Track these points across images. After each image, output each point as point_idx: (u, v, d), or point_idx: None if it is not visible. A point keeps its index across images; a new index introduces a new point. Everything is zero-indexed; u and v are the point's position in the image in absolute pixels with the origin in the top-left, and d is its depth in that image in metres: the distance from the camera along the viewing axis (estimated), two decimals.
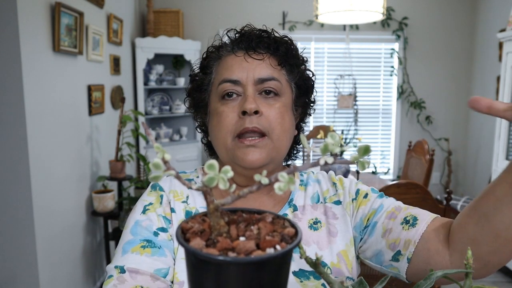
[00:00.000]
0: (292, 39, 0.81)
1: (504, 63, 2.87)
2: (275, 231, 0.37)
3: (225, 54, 0.78)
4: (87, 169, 2.56)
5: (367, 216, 0.76)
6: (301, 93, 0.80)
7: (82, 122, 2.47)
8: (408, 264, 0.66)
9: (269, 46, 0.76)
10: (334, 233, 0.77)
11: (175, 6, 3.80)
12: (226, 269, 0.33)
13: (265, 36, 0.77)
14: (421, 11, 3.93)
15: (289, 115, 0.76)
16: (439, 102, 4.06)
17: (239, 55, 0.75)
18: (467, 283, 0.45)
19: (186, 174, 0.84)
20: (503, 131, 2.91)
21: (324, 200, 0.81)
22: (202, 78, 0.80)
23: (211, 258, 0.32)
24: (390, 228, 0.71)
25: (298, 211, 0.79)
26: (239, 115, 0.72)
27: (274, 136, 0.72)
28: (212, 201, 0.37)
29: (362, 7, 2.49)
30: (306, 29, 3.94)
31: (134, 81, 3.57)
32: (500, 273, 3.01)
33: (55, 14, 2.06)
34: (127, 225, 0.75)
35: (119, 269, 0.68)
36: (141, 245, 0.71)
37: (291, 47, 0.79)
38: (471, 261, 0.45)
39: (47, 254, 2.03)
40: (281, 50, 0.76)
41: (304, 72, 0.81)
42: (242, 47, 0.76)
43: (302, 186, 0.84)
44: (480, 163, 3.85)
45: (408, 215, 0.70)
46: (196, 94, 0.80)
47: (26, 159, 1.85)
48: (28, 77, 1.85)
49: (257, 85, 0.73)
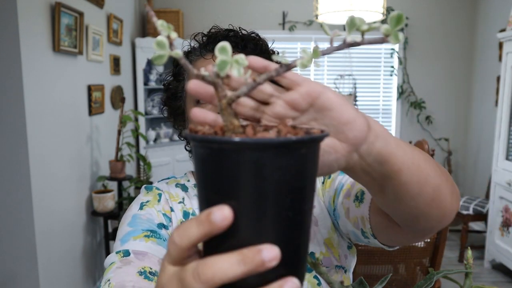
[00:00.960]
0: (259, 34, 0.79)
1: (504, 63, 2.87)
2: (298, 132, 0.31)
3: (195, 58, 0.77)
4: (87, 169, 2.56)
5: (332, 197, 0.74)
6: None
7: (82, 122, 2.47)
8: (376, 238, 0.65)
9: (236, 44, 0.75)
10: (315, 222, 0.76)
11: (175, 6, 3.80)
12: (241, 156, 0.27)
13: (232, 35, 0.76)
14: (421, 11, 3.93)
15: None
16: (439, 102, 4.06)
17: (208, 57, 0.75)
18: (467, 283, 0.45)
19: (177, 179, 0.82)
20: (503, 131, 2.91)
21: None
22: (176, 86, 0.79)
23: (224, 141, 0.27)
24: (348, 207, 0.69)
25: None
26: None
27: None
28: (224, 95, 0.31)
29: (362, 7, 2.49)
30: (306, 29, 3.94)
31: (134, 81, 3.57)
32: (500, 273, 3.01)
33: (55, 14, 2.06)
34: (123, 221, 0.71)
35: (122, 253, 0.63)
36: (144, 234, 0.66)
37: (259, 43, 0.77)
38: (471, 261, 0.45)
39: (47, 254, 2.03)
40: (249, 47, 0.75)
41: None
42: (210, 49, 0.75)
43: None
44: (480, 163, 3.85)
45: (358, 191, 0.67)
46: (172, 103, 0.80)
47: (26, 159, 1.86)
48: (28, 77, 1.85)
49: None
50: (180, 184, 0.81)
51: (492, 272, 3.04)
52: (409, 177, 0.47)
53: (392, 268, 1.81)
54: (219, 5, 3.87)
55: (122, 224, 0.71)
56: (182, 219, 0.74)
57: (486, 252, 3.08)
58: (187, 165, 3.77)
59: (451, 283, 1.94)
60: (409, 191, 0.48)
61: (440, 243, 1.74)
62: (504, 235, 2.87)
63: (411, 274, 1.84)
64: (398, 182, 0.47)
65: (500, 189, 2.92)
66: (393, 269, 1.80)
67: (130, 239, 0.65)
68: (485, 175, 3.72)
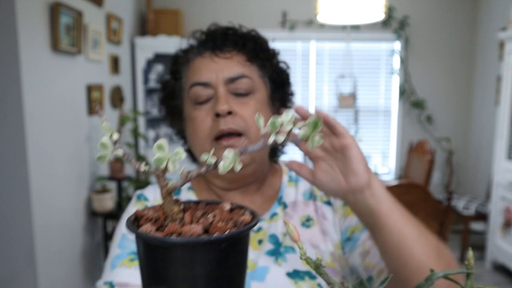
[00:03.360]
0: (259, 32, 0.78)
1: (506, 62, 2.86)
2: (232, 218, 0.36)
3: (193, 57, 0.75)
4: (86, 169, 2.55)
5: (352, 228, 0.75)
6: (277, 87, 0.77)
7: (81, 122, 2.46)
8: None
9: (235, 42, 0.73)
10: (326, 232, 0.76)
11: (175, 6, 3.80)
12: (168, 251, 0.32)
13: (231, 33, 0.75)
14: (422, 10, 3.92)
15: (265, 112, 0.73)
16: (440, 101, 4.05)
17: (206, 56, 0.73)
18: (468, 283, 0.44)
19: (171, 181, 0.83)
20: (505, 131, 2.90)
21: (315, 197, 0.79)
22: (173, 85, 0.78)
23: (149, 238, 0.32)
24: (368, 249, 0.70)
25: (289, 208, 0.77)
26: (213, 118, 0.70)
27: (251, 135, 0.70)
28: (165, 185, 0.35)
29: (362, 7, 2.48)
30: (306, 29, 3.93)
31: (133, 81, 3.56)
32: (501, 273, 3.00)
33: (54, 13, 2.05)
34: (115, 239, 0.74)
35: (108, 285, 0.67)
36: (129, 258, 0.69)
37: (259, 41, 0.76)
38: (472, 262, 0.44)
39: (46, 254, 2.02)
40: (249, 45, 0.74)
41: (277, 65, 0.78)
42: (208, 47, 0.73)
43: (291, 182, 0.82)
44: (481, 163, 3.84)
45: None
46: (170, 102, 0.79)
47: (25, 159, 1.85)
48: (27, 76, 1.84)
49: (228, 85, 0.71)
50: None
51: (493, 272, 3.02)
52: (390, 238, 0.57)
53: None
54: (219, 5, 3.87)
55: (113, 241, 0.74)
56: None
57: (487, 252, 3.07)
58: (187, 165, 3.76)
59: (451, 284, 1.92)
60: (388, 251, 0.59)
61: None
62: (506, 236, 2.86)
63: None
64: (380, 237, 0.59)
65: (501, 189, 2.91)
66: None
67: (117, 265, 0.69)
68: (486, 175, 3.71)
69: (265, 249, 0.72)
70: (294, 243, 0.70)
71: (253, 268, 0.70)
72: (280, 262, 0.70)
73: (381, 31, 3.93)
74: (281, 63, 0.79)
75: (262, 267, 0.70)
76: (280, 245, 0.72)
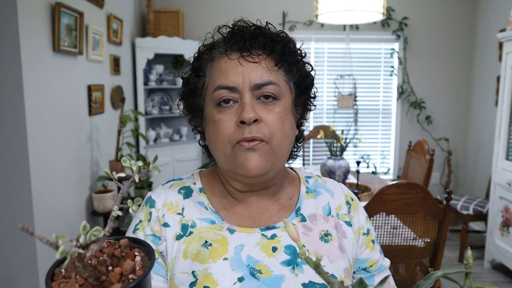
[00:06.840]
0: (287, 34, 0.76)
1: (504, 63, 2.87)
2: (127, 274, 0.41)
3: (218, 55, 0.73)
4: (87, 169, 2.56)
5: (372, 263, 0.79)
6: (301, 92, 0.75)
7: (82, 122, 2.47)
8: None
9: (264, 45, 0.71)
10: (343, 249, 0.76)
11: (175, 6, 3.80)
12: None
13: (260, 34, 0.72)
14: (421, 11, 3.93)
15: (289, 119, 0.72)
16: (439, 102, 4.06)
17: (233, 58, 0.70)
18: (467, 283, 0.45)
19: (182, 181, 0.81)
20: (503, 131, 2.91)
21: (337, 215, 0.80)
22: (196, 82, 0.74)
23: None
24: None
25: (308, 221, 0.77)
26: (237, 124, 0.68)
27: (274, 143, 0.69)
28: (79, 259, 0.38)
29: (362, 7, 2.49)
30: (306, 29, 3.94)
31: (134, 81, 3.57)
32: (500, 273, 3.01)
33: (55, 14, 2.06)
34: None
35: None
36: None
37: (288, 44, 0.73)
38: (471, 261, 0.45)
39: (47, 254, 2.03)
40: (277, 49, 0.71)
41: (303, 68, 0.76)
42: (236, 48, 0.71)
43: (309, 193, 0.81)
44: (480, 163, 3.85)
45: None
46: (190, 99, 0.76)
47: (26, 159, 1.85)
48: (28, 77, 1.85)
49: (254, 91, 0.69)
50: (184, 187, 0.79)
51: (492, 272, 3.04)
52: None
53: (392, 268, 1.81)
54: (219, 5, 3.88)
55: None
56: (179, 232, 0.73)
57: (486, 252, 3.08)
58: (187, 165, 3.77)
59: (451, 283, 1.94)
60: None
61: (440, 243, 1.74)
62: (504, 235, 2.87)
63: (411, 274, 1.84)
64: None
65: (500, 189, 2.92)
66: (393, 269, 1.80)
67: None
68: (485, 175, 3.72)
69: (281, 259, 0.71)
70: (313, 255, 0.71)
71: (268, 274, 0.70)
72: (297, 272, 0.70)
73: (380, 31, 3.94)
74: (307, 64, 0.77)
75: (278, 276, 0.69)
76: (297, 255, 0.72)
